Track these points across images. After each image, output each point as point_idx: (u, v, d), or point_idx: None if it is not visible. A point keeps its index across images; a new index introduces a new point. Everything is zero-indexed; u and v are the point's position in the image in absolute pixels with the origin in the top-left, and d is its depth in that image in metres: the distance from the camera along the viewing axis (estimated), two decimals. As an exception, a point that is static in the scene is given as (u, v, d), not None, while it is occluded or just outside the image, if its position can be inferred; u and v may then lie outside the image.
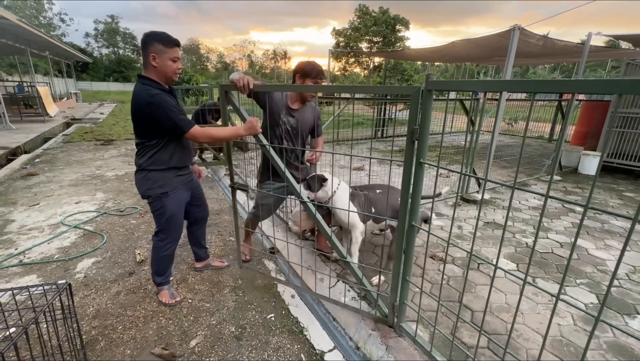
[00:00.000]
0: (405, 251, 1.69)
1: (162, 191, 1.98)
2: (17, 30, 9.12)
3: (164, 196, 1.99)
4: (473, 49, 6.24)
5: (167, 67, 1.84)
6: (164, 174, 1.97)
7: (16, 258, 2.70)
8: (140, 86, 1.83)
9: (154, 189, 1.97)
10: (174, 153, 1.98)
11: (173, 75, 1.90)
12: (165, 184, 1.98)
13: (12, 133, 7.93)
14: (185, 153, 2.07)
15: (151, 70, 1.84)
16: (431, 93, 1.40)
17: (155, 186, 1.96)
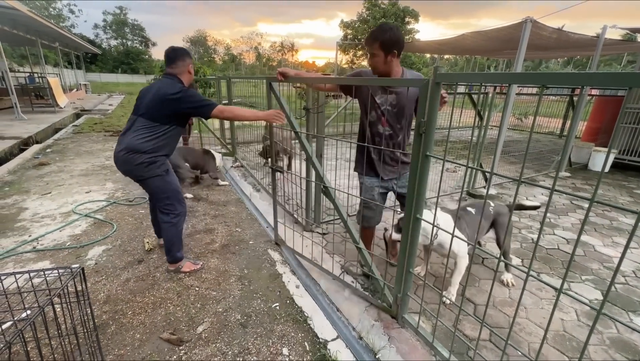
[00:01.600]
0: (408, 243, 1.70)
1: (165, 169, 2.30)
2: (28, 21, 9.22)
3: (165, 173, 2.30)
4: (483, 42, 6.13)
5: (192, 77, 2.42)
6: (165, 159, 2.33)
7: (30, 244, 2.78)
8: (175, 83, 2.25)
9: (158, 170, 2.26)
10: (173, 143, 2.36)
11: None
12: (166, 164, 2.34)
13: (24, 123, 8.08)
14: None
15: (185, 76, 2.34)
16: (439, 86, 1.40)
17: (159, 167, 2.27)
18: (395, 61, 1.90)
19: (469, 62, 34.39)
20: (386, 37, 1.84)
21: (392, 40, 1.84)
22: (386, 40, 1.84)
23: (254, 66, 54.39)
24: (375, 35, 1.87)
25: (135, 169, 2.20)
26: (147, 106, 2.21)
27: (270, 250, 2.86)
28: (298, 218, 3.19)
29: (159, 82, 2.31)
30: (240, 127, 6.14)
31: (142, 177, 2.24)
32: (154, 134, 2.20)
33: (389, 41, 1.84)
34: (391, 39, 1.84)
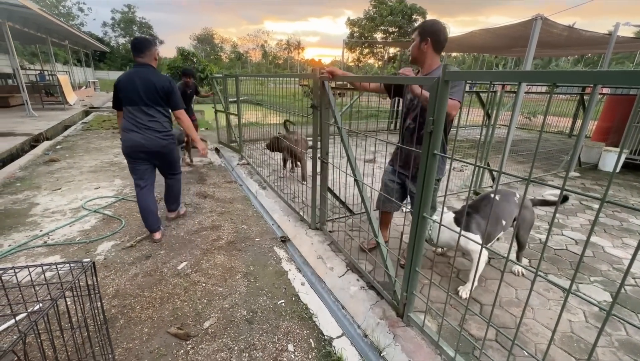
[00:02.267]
0: (415, 242, 1.70)
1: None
2: (38, 19, 9.35)
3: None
4: (492, 39, 6.05)
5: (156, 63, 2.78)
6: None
7: (41, 239, 2.83)
8: (156, 72, 2.72)
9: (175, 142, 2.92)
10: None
11: None
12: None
13: (34, 120, 8.21)
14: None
15: (154, 63, 2.73)
16: (447, 84, 1.39)
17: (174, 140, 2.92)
18: (430, 51, 1.98)
19: (476, 60, 33.98)
20: (425, 25, 1.99)
21: (429, 28, 1.95)
22: (423, 27, 1.98)
23: (260, 64, 54.45)
24: (420, 25, 2.04)
25: (166, 146, 2.79)
26: (146, 96, 2.63)
27: (276, 247, 2.87)
28: (304, 215, 3.19)
29: (141, 73, 2.63)
30: (247, 126, 6.16)
31: (168, 150, 2.84)
32: (167, 116, 2.81)
33: (425, 28, 1.96)
34: (428, 27, 1.96)
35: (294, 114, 3.98)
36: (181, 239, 2.92)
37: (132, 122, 2.63)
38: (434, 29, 1.94)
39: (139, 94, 2.60)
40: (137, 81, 2.59)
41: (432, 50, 1.97)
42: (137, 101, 2.61)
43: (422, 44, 1.97)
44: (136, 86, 2.59)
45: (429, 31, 1.94)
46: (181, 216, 3.37)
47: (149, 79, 2.61)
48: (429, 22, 1.98)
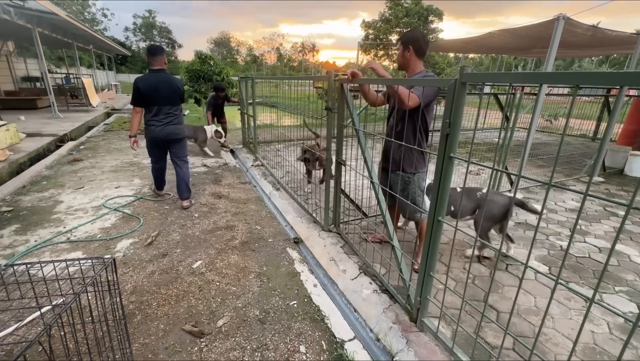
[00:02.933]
0: (430, 246, 1.67)
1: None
2: (65, 25, 9.77)
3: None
4: (512, 40, 5.90)
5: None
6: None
7: (64, 235, 2.95)
8: (171, 76, 3.42)
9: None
10: None
11: None
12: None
13: (60, 121, 8.56)
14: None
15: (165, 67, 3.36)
16: (465, 86, 1.37)
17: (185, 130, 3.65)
18: (413, 57, 2.19)
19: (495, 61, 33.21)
20: (407, 34, 2.21)
21: (409, 37, 2.18)
22: (405, 37, 2.20)
23: (275, 67, 55.01)
24: (402, 34, 2.25)
25: (181, 133, 3.56)
26: (168, 97, 3.35)
27: (289, 248, 2.89)
28: (317, 217, 3.20)
29: (161, 77, 3.29)
30: (261, 128, 6.24)
31: (183, 136, 3.59)
32: (180, 112, 3.55)
33: (406, 37, 2.19)
34: (409, 36, 2.19)
35: (308, 116, 3.99)
36: (196, 239, 2.98)
37: (161, 117, 3.37)
38: (414, 37, 2.17)
39: (164, 96, 3.31)
40: (162, 85, 3.27)
41: (415, 57, 2.19)
42: (162, 101, 3.32)
43: (405, 52, 2.19)
44: (161, 89, 3.27)
45: (410, 40, 2.17)
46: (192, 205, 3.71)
47: (170, 83, 3.33)
48: (409, 32, 2.22)
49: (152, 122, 3.36)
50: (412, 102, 1.98)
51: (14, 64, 13.91)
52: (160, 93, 3.27)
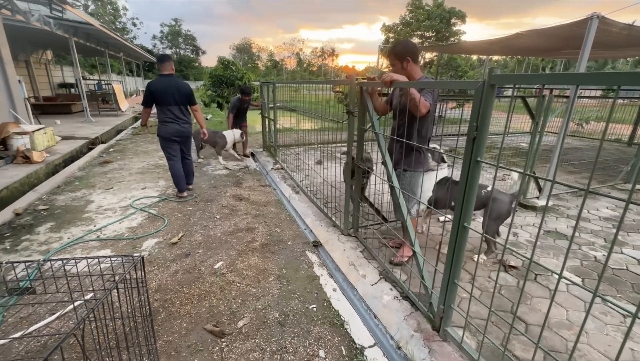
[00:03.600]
0: (454, 253, 1.62)
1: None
2: (99, 34, 10.33)
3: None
4: (540, 41, 5.67)
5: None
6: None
7: (94, 233, 3.09)
8: (180, 80, 3.84)
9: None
10: None
11: None
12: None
13: (92, 125, 9.03)
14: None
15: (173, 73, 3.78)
16: (494, 88, 1.32)
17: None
18: (413, 66, 2.27)
19: (520, 63, 32.02)
20: (397, 48, 2.29)
21: (402, 49, 2.27)
22: (397, 51, 2.28)
23: (294, 71, 55.69)
24: (390, 50, 2.36)
25: (189, 130, 3.98)
26: (179, 98, 3.75)
27: (308, 252, 2.89)
28: (336, 221, 3.19)
29: (172, 81, 3.71)
30: (281, 132, 6.31)
31: (189, 134, 4.01)
32: (187, 112, 3.95)
33: (399, 51, 2.27)
34: (402, 49, 2.28)
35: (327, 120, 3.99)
36: (218, 240, 3.04)
37: (170, 116, 3.76)
38: (407, 48, 2.28)
39: (175, 97, 3.72)
40: (173, 88, 3.69)
41: (413, 65, 2.27)
42: (173, 102, 3.73)
43: (404, 63, 2.26)
44: (172, 91, 3.69)
45: (405, 51, 2.25)
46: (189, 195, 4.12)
47: (180, 86, 3.76)
48: (399, 46, 2.32)
49: (163, 120, 3.78)
50: (425, 108, 2.06)
51: (52, 72, 14.83)
52: (169, 95, 3.67)
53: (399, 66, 2.29)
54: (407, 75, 2.28)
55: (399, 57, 2.27)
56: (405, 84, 2.12)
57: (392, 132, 2.45)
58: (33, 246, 2.83)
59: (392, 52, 2.31)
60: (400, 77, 2.15)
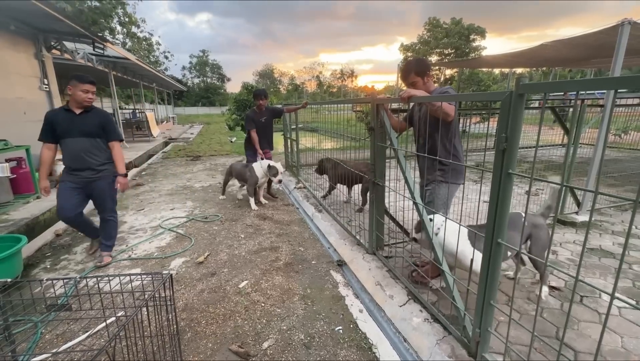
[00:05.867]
0: (489, 271, 1.53)
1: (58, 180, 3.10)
2: (135, 68, 11.21)
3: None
4: (567, 51, 5.49)
5: (77, 96, 2.73)
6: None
7: (126, 253, 3.20)
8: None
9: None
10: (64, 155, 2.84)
11: (82, 101, 2.76)
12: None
13: (126, 151, 9.60)
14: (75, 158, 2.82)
15: (69, 96, 2.77)
16: (523, 98, 1.28)
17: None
18: (429, 80, 2.35)
19: (546, 75, 30.99)
20: (417, 66, 2.34)
21: (421, 66, 2.34)
22: (418, 68, 2.33)
23: (315, 93, 57.15)
24: (408, 69, 2.36)
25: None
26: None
27: (333, 271, 2.83)
28: (360, 239, 3.12)
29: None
30: (303, 151, 6.40)
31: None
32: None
33: (419, 67, 2.33)
34: (420, 66, 2.34)
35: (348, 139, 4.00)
36: (242, 259, 3.05)
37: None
38: (425, 64, 2.37)
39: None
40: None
41: (430, 80, 2.35)
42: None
43: (425, 79, 2.32)
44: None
45: (423, 68, 2.32)
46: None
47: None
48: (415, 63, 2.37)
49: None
50: (451, 110, 2.08)
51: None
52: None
53: (420, 83, 2.33)
54: (427, 90, 2.31)
55: (419, 74, 2.32)
56: (423, 99, 2.14)
57: (419, 149, 2.44)
58: (70, 265, 2.97)
59: (411, 70, 2.34)
60: (417, 92, 2.16)
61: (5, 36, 5.23)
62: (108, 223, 3.06)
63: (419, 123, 2.44)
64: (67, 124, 2.72)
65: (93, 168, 2.84)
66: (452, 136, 2.25)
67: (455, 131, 2.28)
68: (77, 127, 2.75)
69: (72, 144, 2.75)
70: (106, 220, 3.05)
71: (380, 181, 2.66)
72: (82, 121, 2.77)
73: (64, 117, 2.73)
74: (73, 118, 2.74)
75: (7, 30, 5.25)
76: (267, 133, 4.80)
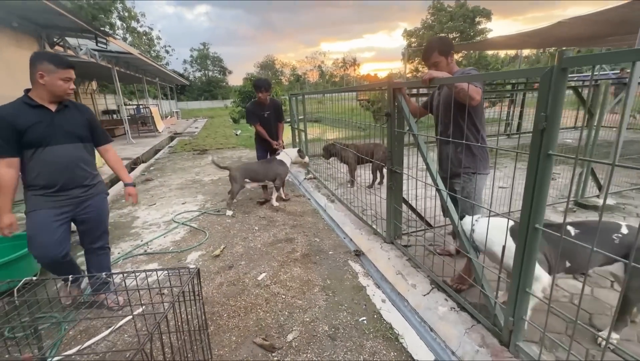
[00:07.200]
0: (524, 257, 1.46)
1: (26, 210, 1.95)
2: (137, 62, 11.12)
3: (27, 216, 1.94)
4: (585, 28, 5.25)
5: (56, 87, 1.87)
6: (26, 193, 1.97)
7: (141, 248, 3.19)
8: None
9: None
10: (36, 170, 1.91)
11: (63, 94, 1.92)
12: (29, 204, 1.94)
13: (133, 146, 9.60)
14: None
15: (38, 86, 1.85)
16: (566, 73, 1.19)
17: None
18: (451, 60, 2.18)
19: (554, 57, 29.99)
20: (440, 44, 2.17)
21: (445, 45, 2.17)
22: (442, 47, 2.15)
23: (317, 84, 56.59)
24: (431, 47, 2.18)
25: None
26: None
27: (351, 261, 2.79)
28: (377, 229, 3.07)
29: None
30: (311, 142, 6.32)
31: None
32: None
33: (443, 46, 2.16)
34: (444, 44, 2.17)
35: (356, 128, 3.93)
36: (259, 251, 3.02)
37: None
38: (448, 44, 2.19)
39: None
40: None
41: (452, 60, 2.18)
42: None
43: (449, 59, 2.15)
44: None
45: (447, 47, 2.15)
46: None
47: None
48: (439, 41, 2.20)
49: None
50: (477, 94, 1.89)
51: (97, 100, 16.11)
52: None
53: (444, 63, 2.15)
54: (450, 71, 2.15)
55: (443, 54, 2.14)
56: (447, 80, 2.00)
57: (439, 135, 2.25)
58: (88, 261, 2.97)
59: (434, 48, 2.15)
60: (440, 73, 2.02)
61: (8, 33, 5.17)
62: (104, 257, 2.27)
63: (437, 108, 2.30)
64: (44, 126, 1.86)
65: (84, 184, 2.06)
66: (478, 121, 2.10)
67: (481, 115, 2.14)
68: (62, 130, 1.92)
69: (55, 154, 1.90)
70: (100, 253, 2.23)
71: (398, 168, 2.59)
72: (65, 120, 1.94)
73: (35, 116, 1.84)
74: (52, 117, 1.89)
75: (10, 28, 5.19)
76: (271, 129, 4.39)
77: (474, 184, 2.14)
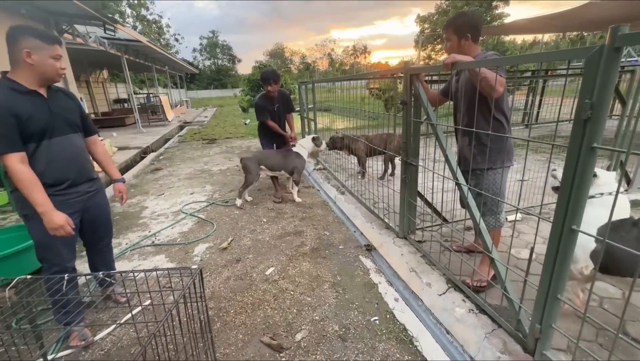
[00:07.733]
0: (557, 261, 1.33)
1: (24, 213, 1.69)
2: (147, 50, 11.05)
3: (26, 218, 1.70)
4: (619, 9, 4.86)
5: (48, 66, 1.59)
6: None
7: (149, 239, 3.16)
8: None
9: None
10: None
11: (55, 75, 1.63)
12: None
13: (143, 135, 9.62)
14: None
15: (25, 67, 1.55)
16: (619, 52, 1.03)
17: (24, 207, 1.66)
18: (471, 45, 1.93)
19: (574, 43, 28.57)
20: (459, 21, 1.92)
21: (466, 24, 1.90)
22: (459, 24, 1.91)
23: (327, 72, 55.79)
24: (450, 20, 1.97)
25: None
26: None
27: (362, 257, 2.69)
28: (389, 223, 2.95)
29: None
30: (321, 131, 6.17)
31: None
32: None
33: (462, 25, 1.91)
34: (464, 23, 1.91)
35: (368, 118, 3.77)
36: (267, 244, 2.95)
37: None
38: (470, 23, 1.91)
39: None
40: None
41: (472, 44, 1.93)
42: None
43: (462, 40, 1.92)
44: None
45: (466, 26, 1.90)
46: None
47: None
48: (460, 18, 1.94)
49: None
50: (501, 86, 1.69)
51: (108, 89, 16.21)
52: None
53: (455, 43, 1.94)
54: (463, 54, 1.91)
55: (457, 32, 1.92)
56: (472, 64, 1.80)
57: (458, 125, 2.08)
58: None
59: (451, 24, 1.95)
60: (465, 57, 1.82)
61: (17, 20, 5.12)
62: (108, 253, 2.18)
63: (456, 96, 2.11)
64: (44, 115, 1.60)
65: (91, 178, 1.88)
66: (505, 106, 1.91)
67: (505, 102, 1.93)
68: (61, 118, 1.68)
69: (62, 146, 1.68)
70: (105, 249, 2.14)
71: (414, 160, 2.45)
72: (60, 107, 1.70)
73: (31, 103, 1.57)
74: (47, 104, 1.63)
75: (19, 15, 5.14)
76: (281, 123, 4.18)
77: (500, 178, 1.98)
